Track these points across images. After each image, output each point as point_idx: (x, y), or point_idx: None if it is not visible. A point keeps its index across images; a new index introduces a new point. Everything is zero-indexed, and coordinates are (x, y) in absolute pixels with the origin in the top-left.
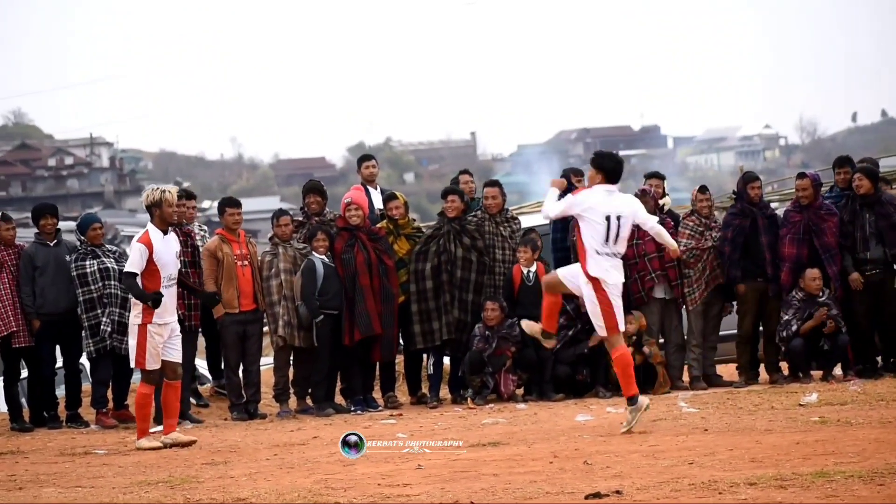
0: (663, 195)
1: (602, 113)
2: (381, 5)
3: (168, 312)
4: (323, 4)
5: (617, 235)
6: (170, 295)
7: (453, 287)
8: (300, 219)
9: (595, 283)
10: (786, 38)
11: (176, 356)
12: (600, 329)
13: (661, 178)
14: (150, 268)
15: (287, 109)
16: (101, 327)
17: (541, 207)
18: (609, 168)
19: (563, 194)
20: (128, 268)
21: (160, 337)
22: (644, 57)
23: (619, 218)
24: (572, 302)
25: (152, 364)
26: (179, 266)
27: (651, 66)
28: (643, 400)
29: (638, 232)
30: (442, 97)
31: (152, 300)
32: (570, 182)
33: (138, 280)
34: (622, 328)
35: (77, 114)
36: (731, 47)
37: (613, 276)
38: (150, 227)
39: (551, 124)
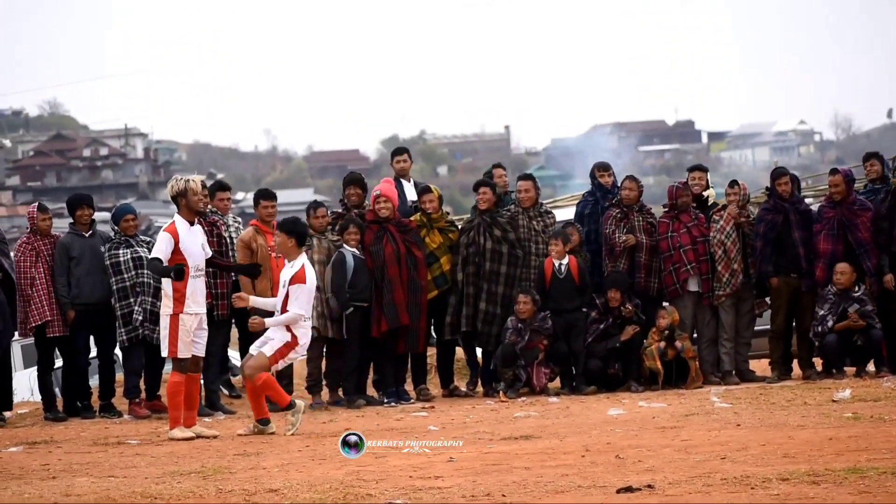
0: (707, 188)
1: (636, 107)
2: None
3: (197, 303)
4: None
5: None
6: (198, 286)
7: (480, 279)
8: (339, 210)
9: None
10: (822, 33)
11: (200, 350)
12: None
13: (705, 170)
14: (177, 258)
15: (321, 102)
16: (133, 316)
17: (572, 202)
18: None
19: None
20: (153, 254)
21: (192, 325)
22: (679, 51)
23: None
24: (602, 296)
25: (184, 352)
26: (207, 256)
27: (686, 60)
28: (300, 403)
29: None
30: (476, 90)
31: (175, 271)
32: (594, 177)
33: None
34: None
35: (112, 105)
36: (766, 42)
37: None
38: (177, 217)
39: (585, 118)
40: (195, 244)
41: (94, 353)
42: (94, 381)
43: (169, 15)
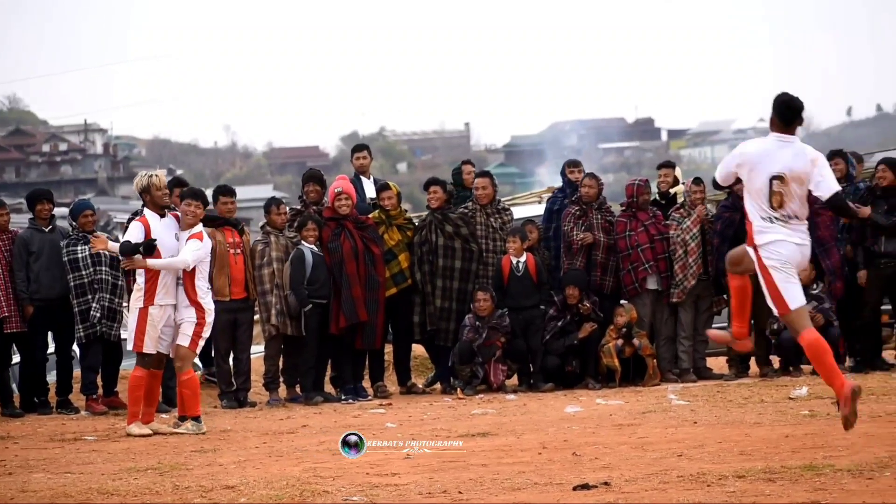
0: (675, 184)
1: (596, 105)
2: None
3: (169, 295)
4: None
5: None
6: (169, 279)
7: (434, 276)
8: (298, 207)
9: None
10: (780, 31)
11: (165, 347)
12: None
13: (672, 166)
14: None
15: (281, 98)
16: (91, 313)
17: (532, 199)
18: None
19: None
20: (123, 239)
21: (160, 320)
22: (639, 49)
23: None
24: (560, 294)
25: (150, 348)
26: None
27: (646, 58)
28: (202, 426)
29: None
30: (436, 87)
31: (144, 246)
32: (564, 174)
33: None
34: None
35: (72, 100)
36: (725, 40)
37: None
38: (146, 210)
39: (545, 115)
40: (168, 235)
41: (51, 348)
42: (51, 377)
43: (127, 11)
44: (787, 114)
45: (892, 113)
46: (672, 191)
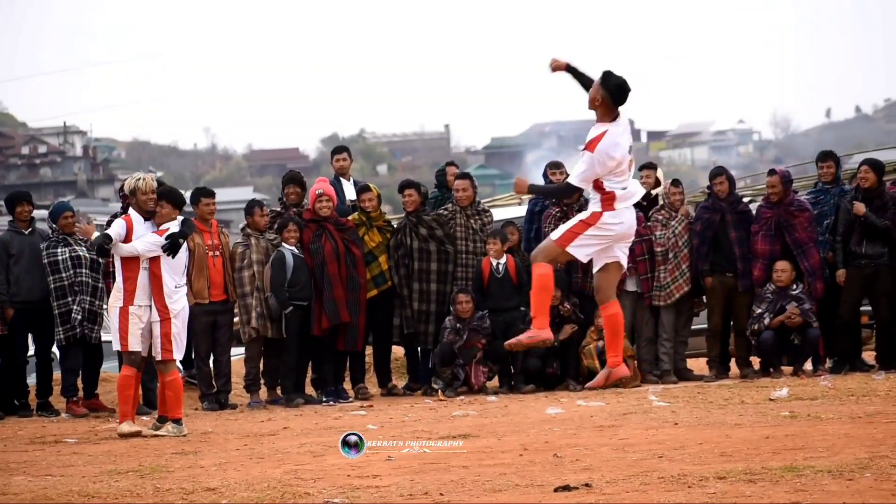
0: (657, 184)
1: (576, 106)
2: None
3: (145, 295)
4: None
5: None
6: (146, 280)
7: (412, 280)
8: (278, 209)
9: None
10: (760, 32)
11: (146, 348)
12: None
13: (654, 167)
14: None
15: (261, 100)
16: (72, 315)
17: (513, 200)
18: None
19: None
20: (105, 232)
21: (141, 319)
22: (618, 50)
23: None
24: None
25: (136, 345)
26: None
27: (625, 59)
28: (183, 429)
29: None
30: (416, 89)
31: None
32: (546, 176)
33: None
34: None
35: (51, 102)
36: (704, 42)
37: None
38: (131, 211)
39: (525, 117)
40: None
41: (31, 351)
42: (31, 380)
43: (106, 13)
44: (623, 96)
45: (871, 114)
46: (654, 192)
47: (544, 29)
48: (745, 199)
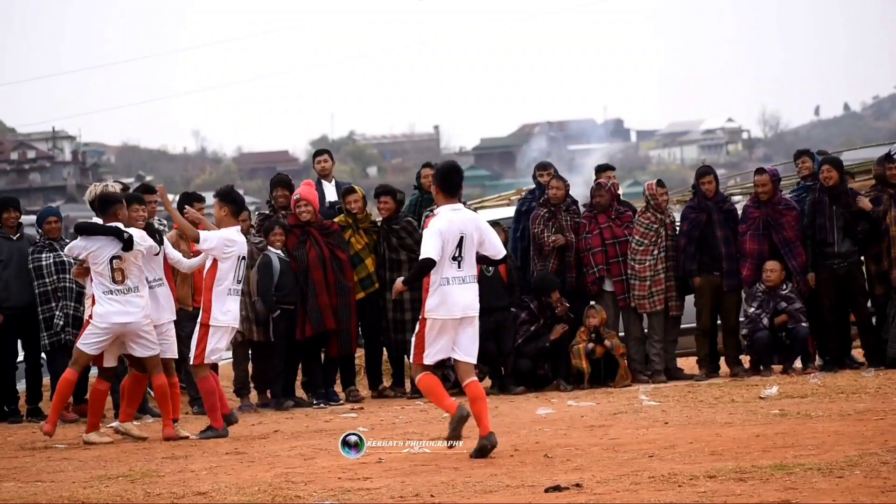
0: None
1: (565, 106)
2: None
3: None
4: None
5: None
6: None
7: (385, 290)
8: (266, 212)
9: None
10: (749, 31)
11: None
12: None
13: (613, 168)
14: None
15: (250, 103)
16: (55, 321)
17: (502, 201)
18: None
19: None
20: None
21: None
22: (608, 50)
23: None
24: (534, 300)
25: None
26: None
27: (614, 59)
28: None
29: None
30: (405, 90)
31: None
32: (535, 177)
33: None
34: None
35: (40, 107)
36: (694, 41)
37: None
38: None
39: (515, 117)
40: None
41: (21, 356)
42: (21, 386)
43: (94, 16)
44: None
45: (860, 112)
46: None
47: (533, 30)
48: (736, 198)
